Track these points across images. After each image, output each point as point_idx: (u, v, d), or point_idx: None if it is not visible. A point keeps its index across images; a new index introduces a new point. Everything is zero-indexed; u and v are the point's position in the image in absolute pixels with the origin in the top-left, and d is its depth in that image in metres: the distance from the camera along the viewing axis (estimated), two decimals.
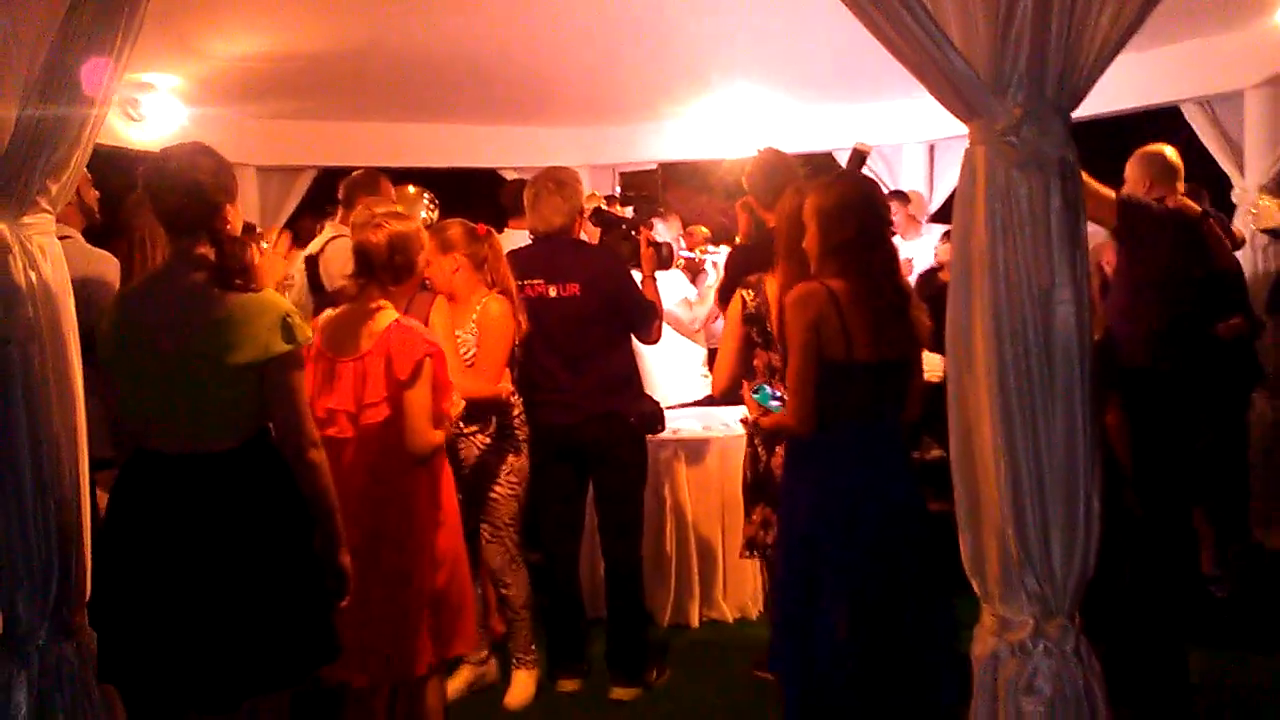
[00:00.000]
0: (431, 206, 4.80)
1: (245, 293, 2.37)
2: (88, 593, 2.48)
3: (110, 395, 2.57)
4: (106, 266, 3.23)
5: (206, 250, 2.41)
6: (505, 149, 6.92)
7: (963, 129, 2.16)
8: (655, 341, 4.12)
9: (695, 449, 4.73)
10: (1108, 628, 2.60)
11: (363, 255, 2.95)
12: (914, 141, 7.21)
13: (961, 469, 2.14)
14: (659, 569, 4.67)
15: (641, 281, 4.11)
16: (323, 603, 2.48)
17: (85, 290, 2.77)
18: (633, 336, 4.03)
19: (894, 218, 6.69)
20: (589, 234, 4.29)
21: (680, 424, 4.80)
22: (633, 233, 4.20)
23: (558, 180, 3.93)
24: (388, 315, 2.93)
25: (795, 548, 2.92)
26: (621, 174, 4.25)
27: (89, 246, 3.29)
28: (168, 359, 2.37)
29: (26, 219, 2.37)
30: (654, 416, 4.05)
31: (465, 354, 3.63)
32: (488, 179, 6.81)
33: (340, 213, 4.61)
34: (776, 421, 2.99)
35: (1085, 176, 2.14)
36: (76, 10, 2.28)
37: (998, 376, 2.03)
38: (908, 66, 2.11)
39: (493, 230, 3.81)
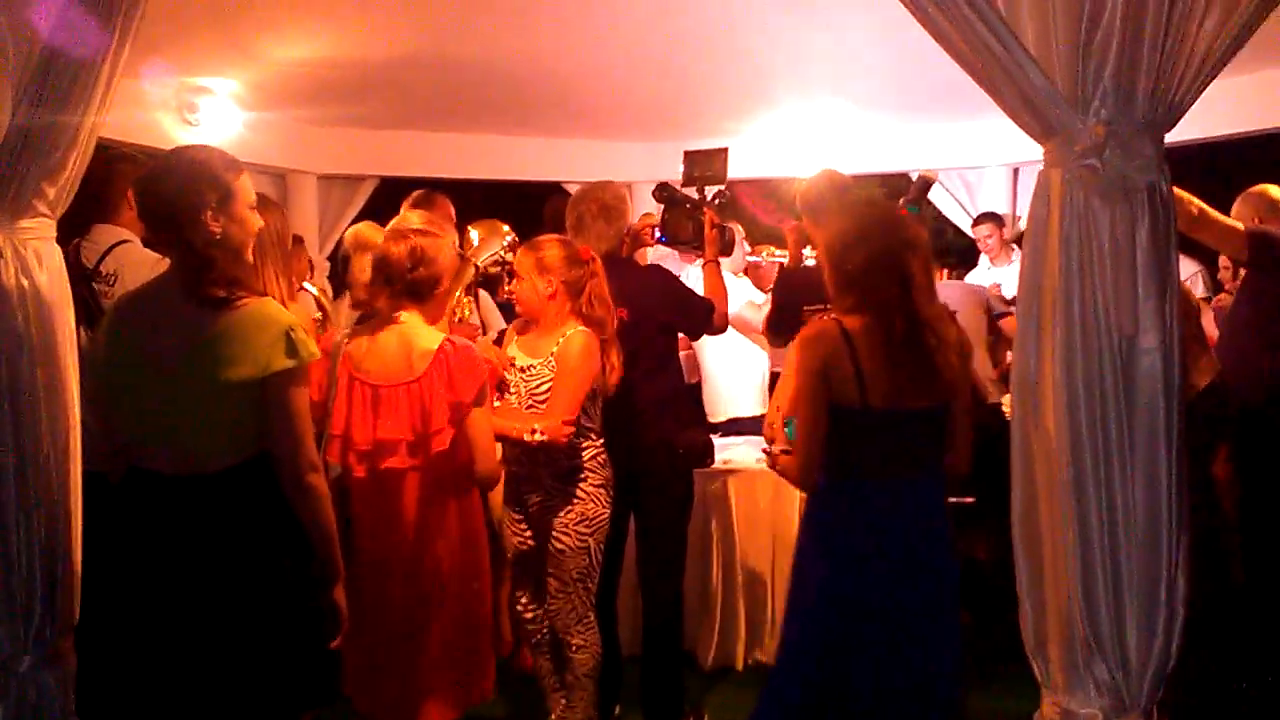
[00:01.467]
0: (508, 248, 4.55)
1: (236, 304, 2.21)
2: (76, 617, 2.34)
3: (101, 410, 2.42)
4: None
5: (199, 258, 2.26)
6: (565, 162, 6.74)
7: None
8: (719, 333, 3.89)
9: (747, 479, 4.47)
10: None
11: (382, 266, 2.79)
12: (995, 164, 6.86)
13: (1025, 535, 1.87)
14: (704, 607, 4.43)
15: (703, 265, 3.91)
16: (319, 640, 2.31)
17: None
18: (690, 348, 3.80)
19: (987, 241, 6.49)
20: (650, 215, 4.09)
21: (732, 453, 4.55)
22: (697, 213, 3.93)
23: (602, 205, 3.69)
24: (434, 334, 2.77)
25: (807, 617, 2.66)
26: (686, 152, 3.96)
27: (149, 252, 3.18)
28: (163, 374, 2.22)
29: (22, 223, 2.24)
30: (703, 448, 3.84)
31: (537, 388, 3.30)
32: (540, 194, 6.64)
33: None
34: (784, 468, 2.71)
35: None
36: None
37: (1069, 434, 1.76)
38: (975, 76, 1.86)
39: (597, 257, 3.47)
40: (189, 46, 4.73)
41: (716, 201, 3.93)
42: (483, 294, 4.47)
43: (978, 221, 6.55)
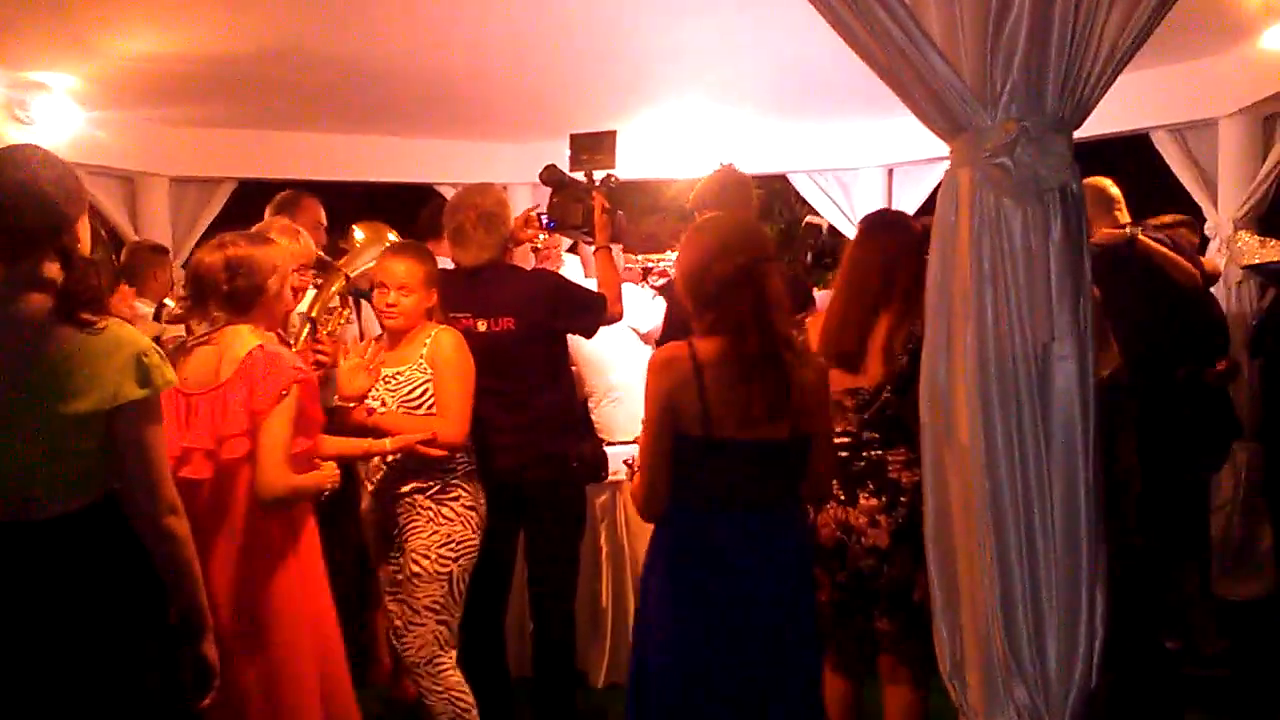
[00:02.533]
0: None
1: (94, 326, 1.96)
2: None
3: None
4: None
5: (51, 273, 2.00)
6: (440, 164, 6.47)
7: (923, 151, 1.82)
8: (613, 322, 3.74)
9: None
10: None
11: (195, 277, 2.58)
12: (871, 165, 6.91)
13: (938, 554, 1.78)
14: (594, 624, 4.29)
15: (595, 250, 3.77)
16: (178, 702, 2.06)
17: None
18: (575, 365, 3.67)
19: None
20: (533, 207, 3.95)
21: (619, 464, 4.41)
22: (586, 196, 3.78)
23: (482, 212, 3.49)
24: (249, 340, 2.54)
25: (655, 646, 2.53)
26: (572, 136, 3.78)
27: None
28: None
29: None
30: (597, 461, 3.70)
31: (409, 395, 3.12)
32: (422, 195, 6.38)
33: None
34: (632, 492, 2.60)
35: None
36: None
37: (984, 447, 1.68)
38: (878, 71, 1.77)
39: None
40: (19, 39, 4.33)
41: (605, 187, 3.80)
42: (365, 305, 4.23)
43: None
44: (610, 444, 4.93)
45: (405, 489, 3.13)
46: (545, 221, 3.88)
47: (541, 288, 3.61)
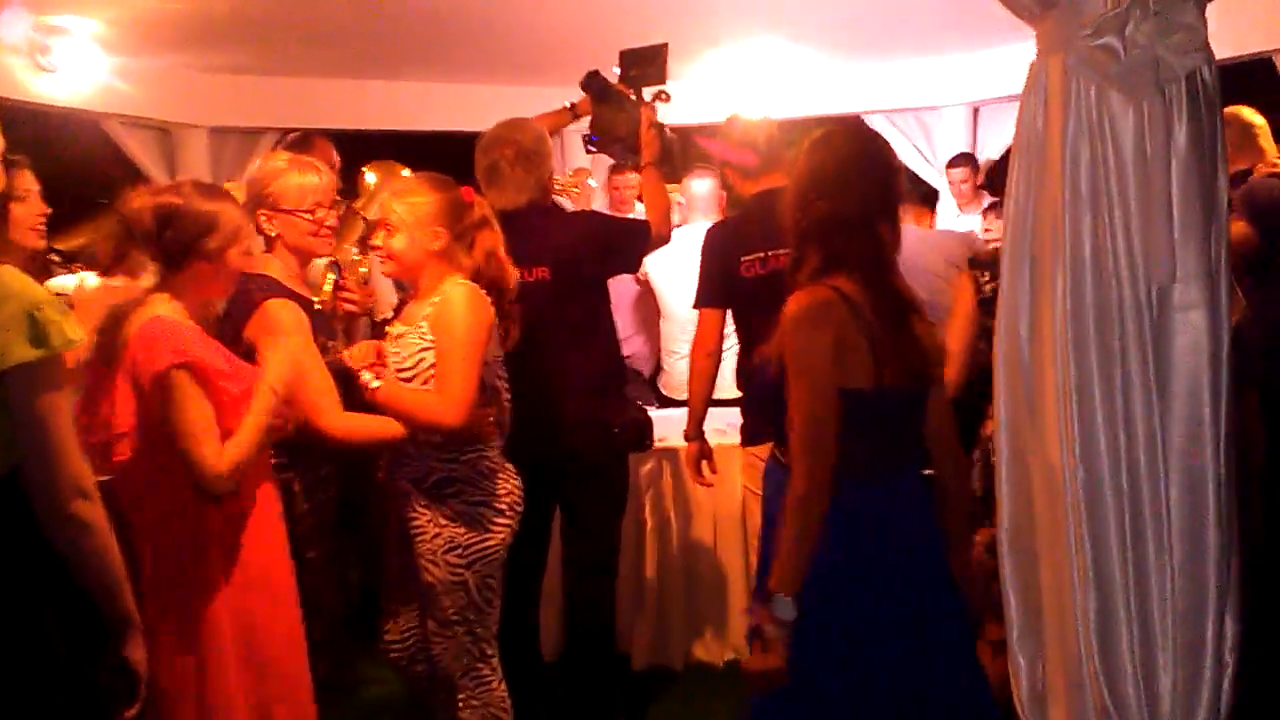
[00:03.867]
0: None
1: None
2: None
3: None
4: None
5: None
6: (488, 111, 6.07)
7: (1013, 86, 1.40)
8: (662, 244, 3.37)
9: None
10: None
11: (119, 223, 2.26)
12: (954, 104, 6.37)
13: (1016, 565, 1.38)
14: (637, 603, 3.96)
15: (641, 170, 3.41)
16: (96, 711, 1.77)
17: None
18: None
19: (961, 186, 6.00)
20: (583, 104, 3.54)
21: (668, 429, 4.03)
22: (634, 109, 3.41)
23: (520, 149, 3.10)
24: (149, 311, 2.20)
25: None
26: (621, 52, 3.44)
27: None
28: None
29: None
30: (642, 428, 3.33)
31: (403, 363, 2.63)
32: (468, 143, 6.07)
33: None
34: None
35: None
36: None
37: (1079, 427, 1.26)
38: None
39: (482, 198, 2.84)
40: None
41: (656, 102, 3.42)
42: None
43: (953, 163, 6.05)
44: (670, 403, 4.63)
45: (401, 481, 2.71)
46: (587, 136, 3.51)
47: (583, 232, 3.22)
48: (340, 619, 2.77)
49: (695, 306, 3.40)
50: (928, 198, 6.49)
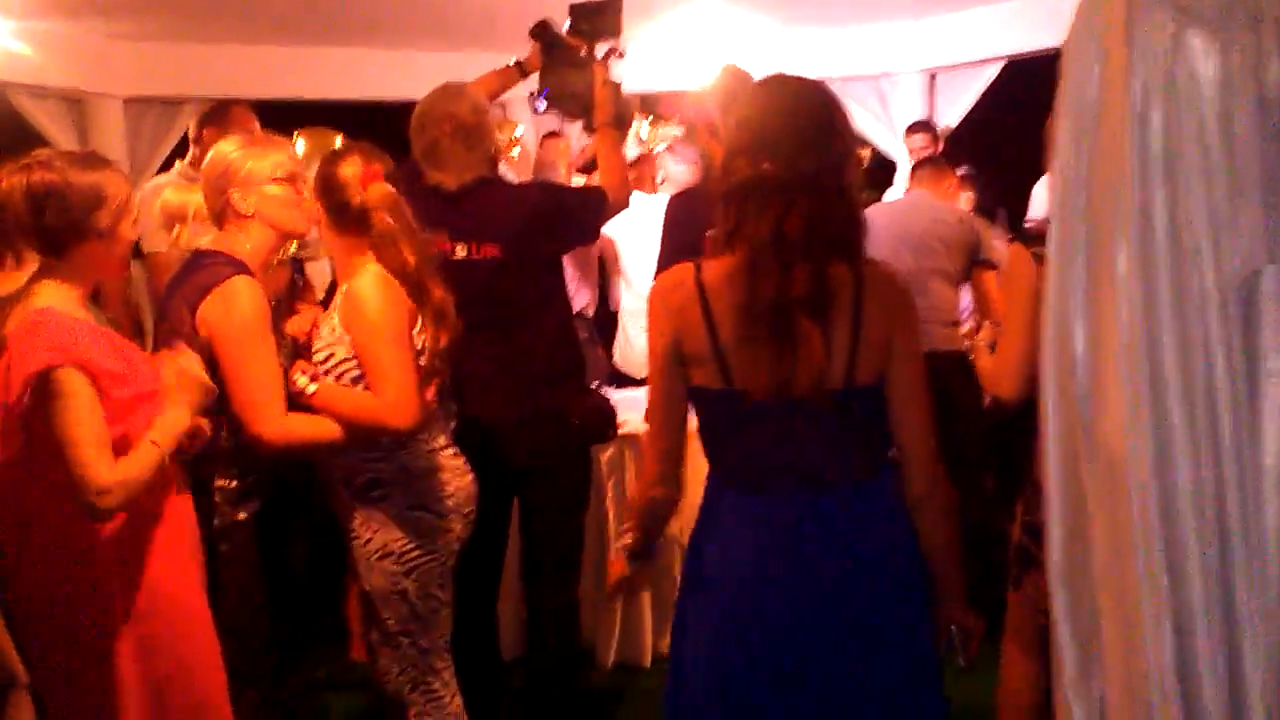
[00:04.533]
0: None
1: None
2: None
3: None
4: None
5: None
6: (421, 78, 5.76)
7: (969, 53, 1.21)
8: (619, 211, 3.11)
9: None
10: None
11: None
12: (910, 71, 6.19)
13: (1070, 598, 1.18)
14: (602, 597, 3.73)
15: (595, 129, 3.15)
16: None
17: None
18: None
19: (922, 154, 5.71)
20: (531, 59, 3.26)
21: (630, 414, 3.81)
22: (587, 61, 3.16)
23: (458, 124, 2.81)
24: (30, 304, 1.95)
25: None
26: (571, 5, 3.18)
27: None
28: None
29: None
30: (603, 419, 3.11)
31: (322, 362, 2.36)
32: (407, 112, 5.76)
33: (191, 152, 3.71)
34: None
35: None
36: None
37: (1151, 437, 1.06)
38: None
39: (386, 173, 2.42)
40: None
41: (609, 60, 3.17)
42: None
43: (911, 130, 5.87)
44: (629, 382, 4.42)
45: (334, 479, 2.47)
46: (537, 92, 3.24)
47: (534, 206, 2.96)
48: (266, 644, 2.51)
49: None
50: (886, 168, 6.30)
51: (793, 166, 1.71)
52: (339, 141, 3.19)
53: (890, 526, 1.83)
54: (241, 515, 2.41)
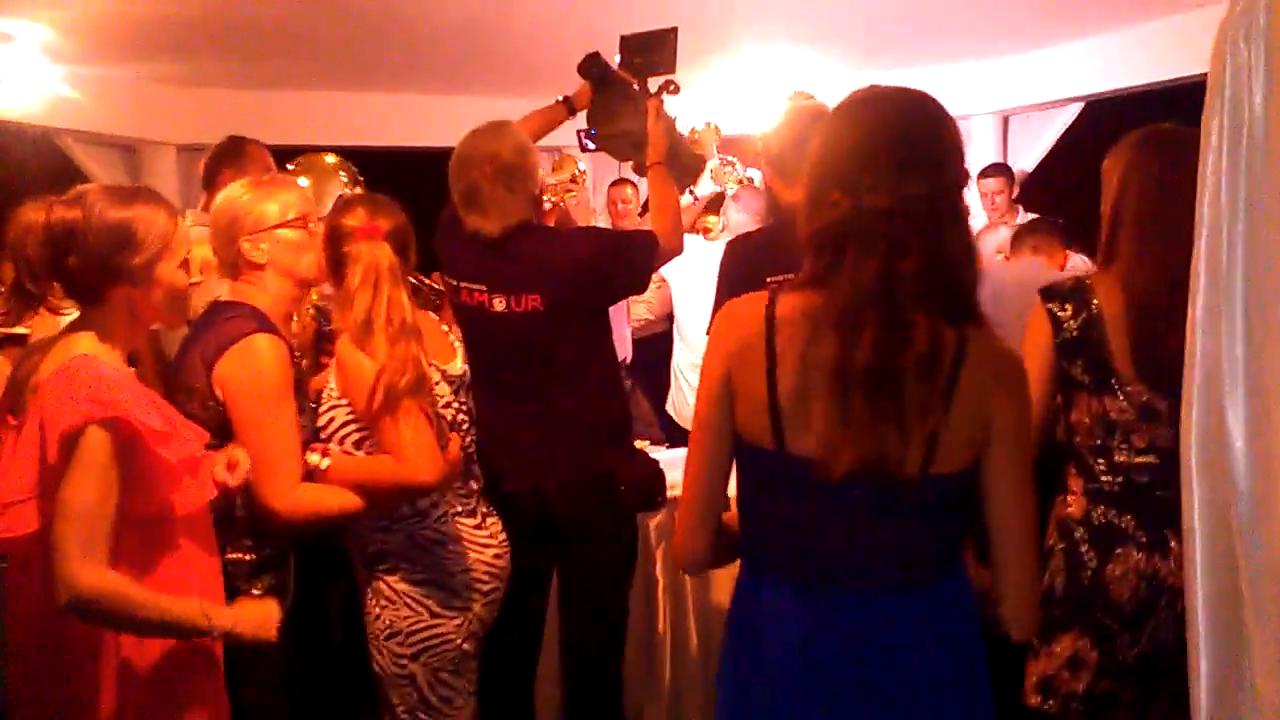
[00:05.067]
0: (352, 185, 3.62)
1: None
2: None
3: None
4: None
5: None
6: (468, 122, 5.74)
7: (1043, 94, 0.98)
8: (674, 256, 2.87)
9: None
10: None
11: (11, 251, 1.76)
12: (983, 113, 5.95)
13: (1218, 651, 0.92)
14: (649, 672, 3.47)
15: (647, 170, 2.92)
16: None
17: None
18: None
19: (995, 198, 5.30)
20: (580, 95, 3.06)
21: (679, 473, 3.55)
22: (639, 97, 2.96)
23: (500, 165, 2.57)
24: (67, 351, 1.73)
25: None
26: (622, 37, 3.00)
27: None
28: None
29: None
30: (652, 485, 2.83)
31: (336, 434, 2.20)
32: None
33: (204, 197, 3.52)
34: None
35: None
36: None
37: None
38: None
39: (392, 229, 2.22)
40: None
41: (663, 95, 2.96)
42: None
43: (986, 174, 5.56)
44: (681, 435, 4.17)
45: (351, 547, 2.32)
46: (585, 132, 3.06)
47: (581, 253, 2.71)
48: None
49: (709, 333, 2.89)
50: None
51: (900, 195, 1.39)
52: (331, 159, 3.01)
53: (962, 643, 1.53)
54: (256, 590, 2.20)
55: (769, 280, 2.64)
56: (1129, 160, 2.06)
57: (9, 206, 1.86)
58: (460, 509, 2.31)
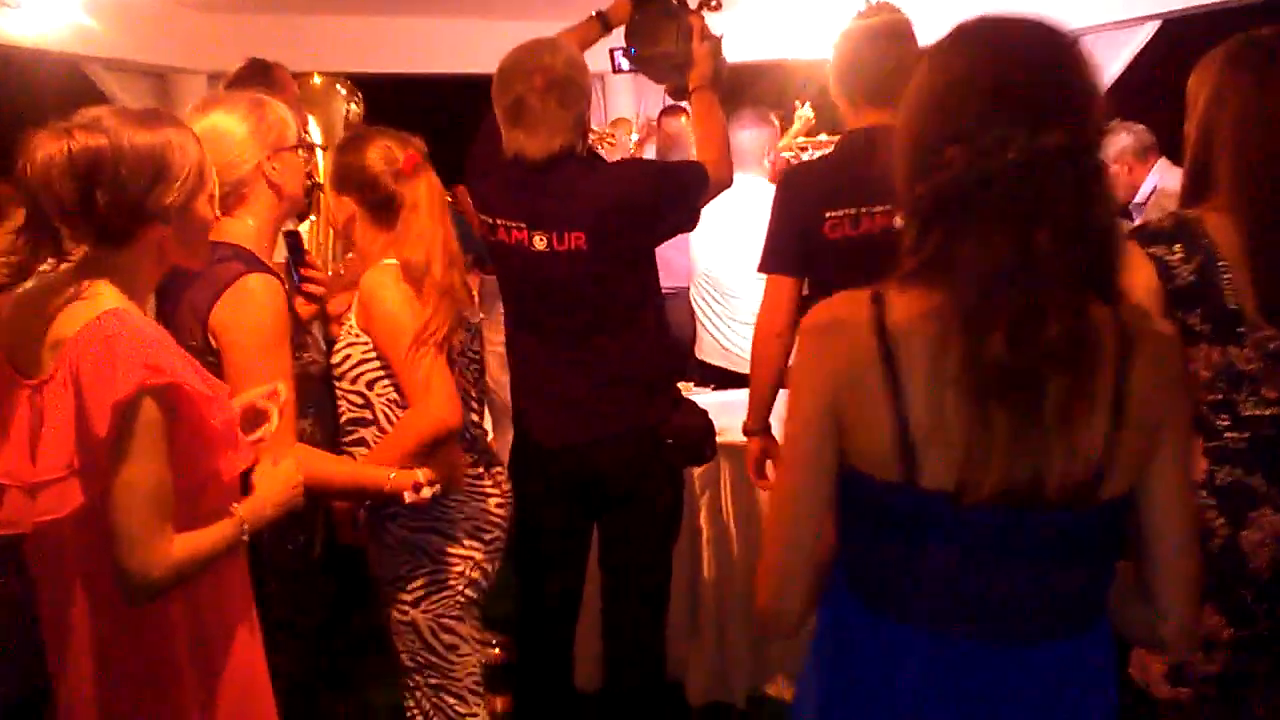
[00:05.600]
0: (353, 101, 3.43)
1: None
2: None
3: None
4: None
5: None
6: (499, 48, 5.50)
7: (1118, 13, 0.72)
8: (725, 187, 2.65)
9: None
10: None
11: (29, 191, 1.53)
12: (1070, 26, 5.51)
13: None
14: (692, 625, 3.37)
15: (692, 94, 2.68)
16: None
17: None
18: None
19: (1119, 148, 4.51)
20: (616, 10, 2.81)
21: (725, 419, 3.34)
22: (682, 13, 2.72)
23: (553, 78, 2.35)
24: (92, 304, 1.54)
25: None
26: None
27: None
28: None
29: None
30: (700, 436, 2.65)
31: (339, 364, 2.18)
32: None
33: None
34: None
35: None
36: None
37: None
38: None
39: (425, 163, 2.22)
40: None
41: (705, 10, 2.74)
42: None
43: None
44: (712, 377, 3.99)
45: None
46: (622, 50, 2.82)
47: (630, 188, 2.49)
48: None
49: (763, 270, 2.62)
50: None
51: (1034, 148, 1.13)
52: (318, 80, 3.09)
53: (1103, 698, 1.32)
54: (290, 548, 2.09)
55: (827, 213, 2.45)
56: (1220, 77, 1.82)
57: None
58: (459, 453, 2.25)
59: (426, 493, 2.05)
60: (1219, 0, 4.67)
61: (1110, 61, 5.53)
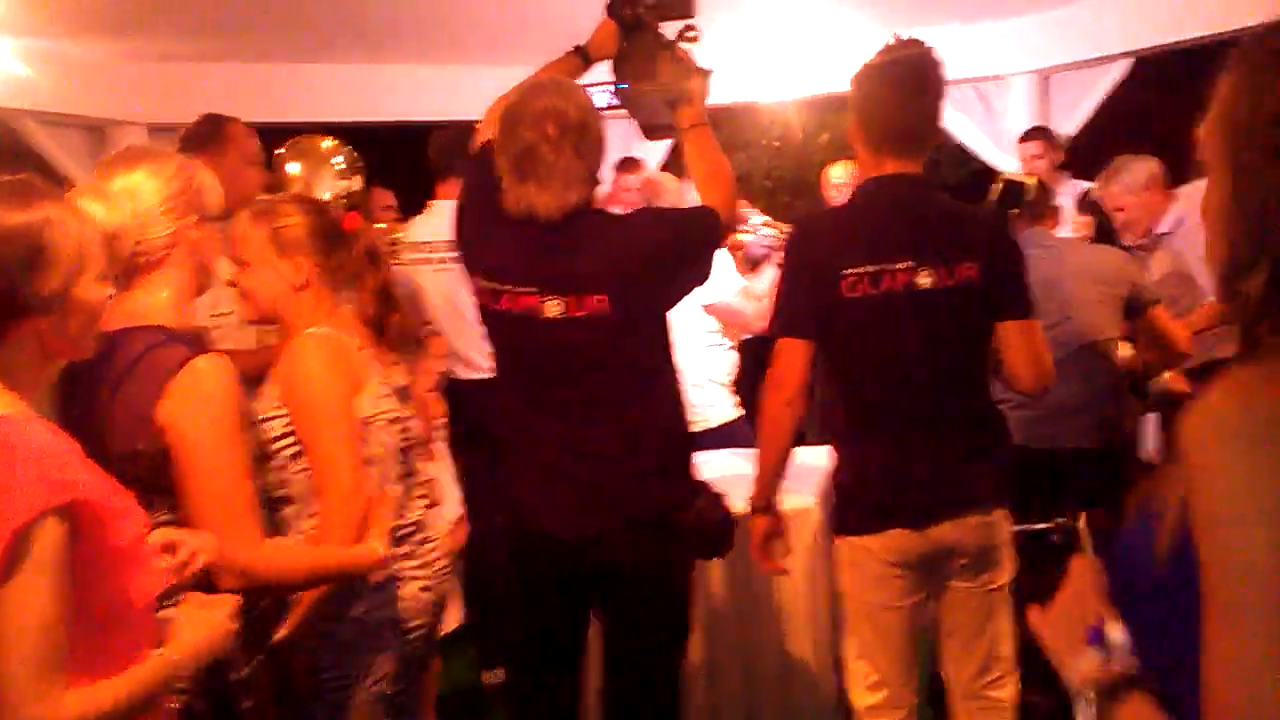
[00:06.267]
0: (349, 171, 3.22)
1: None
2: None
3: None
4: None
5: None
6: (461, 95, 5.03)
7: (1087, 50, 0.55)
8: (731, 233, 2.62)
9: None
10: None
11: None
12: (1020, 72, 5.49)
13: None
14: (686, 705, 3.08)
15: (687, 133, 2.42)
16: None
17: None
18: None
19: (1036, 163, 4.77)
20: (600, 43, 2.51)
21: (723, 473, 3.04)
22: (673, 45, 2.43)
23: (567, 125, 2.12)
24: None
25: None
26: None
27: None
28: None
29: None
30: (720, 529, 2.34)
31: (272, 445, 1.98)
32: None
33: None
34: None
35: None
36: None
37: None
38: None
39: (367, 224, 2.25)
40: None
41: (682, 41, 2.45)
42: None
43: (1026, 138, 5.11)
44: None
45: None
46: (613, 87, 2.54)
47: (650, 241, 2.24)
48: None
49: (772, 335, 2.38)
50: (978, 178, 5.58)
51: None
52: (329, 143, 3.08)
53: None
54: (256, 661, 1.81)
55: (845, 271, 2.22)
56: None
57: None
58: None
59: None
60: (1196, 37, 4.61)
61: (1081, 99, 5.51)
